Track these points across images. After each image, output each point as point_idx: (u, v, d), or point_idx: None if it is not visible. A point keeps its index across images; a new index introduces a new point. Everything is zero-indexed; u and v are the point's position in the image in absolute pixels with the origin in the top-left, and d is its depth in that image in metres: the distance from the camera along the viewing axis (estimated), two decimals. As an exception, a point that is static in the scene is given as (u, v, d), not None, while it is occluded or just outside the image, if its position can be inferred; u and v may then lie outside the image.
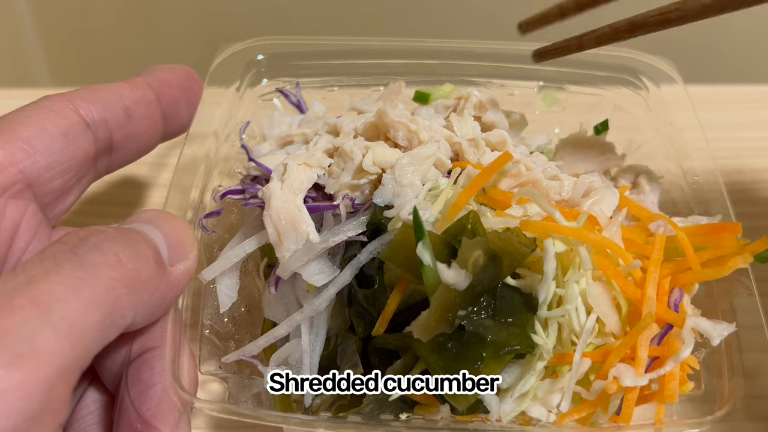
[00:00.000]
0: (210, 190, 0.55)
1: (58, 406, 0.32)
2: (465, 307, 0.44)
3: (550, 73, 0.66)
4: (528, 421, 0.47)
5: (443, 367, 0.43)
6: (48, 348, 0.31)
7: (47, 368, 0.31)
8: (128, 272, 0.36)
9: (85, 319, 0.33)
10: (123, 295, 0.35)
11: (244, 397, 0.49)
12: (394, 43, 0.66)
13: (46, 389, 0.31)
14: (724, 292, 0.49)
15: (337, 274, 0.47)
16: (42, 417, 0.31)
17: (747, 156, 0.73)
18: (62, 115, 0.43)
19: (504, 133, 0.55)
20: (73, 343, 0.32)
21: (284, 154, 0.55)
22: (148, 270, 0.38)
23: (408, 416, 0.45)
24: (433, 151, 0.51)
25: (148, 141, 0.50)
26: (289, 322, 0.46)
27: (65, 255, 0.35)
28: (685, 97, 0.61)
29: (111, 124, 0.46)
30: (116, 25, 1.06)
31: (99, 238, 0.37)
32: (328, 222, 0.49)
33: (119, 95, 0.47)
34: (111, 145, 0.46)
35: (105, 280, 0.35)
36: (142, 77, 0.50)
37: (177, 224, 0.43)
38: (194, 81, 0.53)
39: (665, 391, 0.45)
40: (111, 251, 0.36)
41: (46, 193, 0.43)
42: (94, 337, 0.34)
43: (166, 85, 0.50)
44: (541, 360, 0.46)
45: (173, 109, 0.50)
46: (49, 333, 0.32)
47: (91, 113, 0.45)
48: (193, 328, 0.48)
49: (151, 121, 0.49)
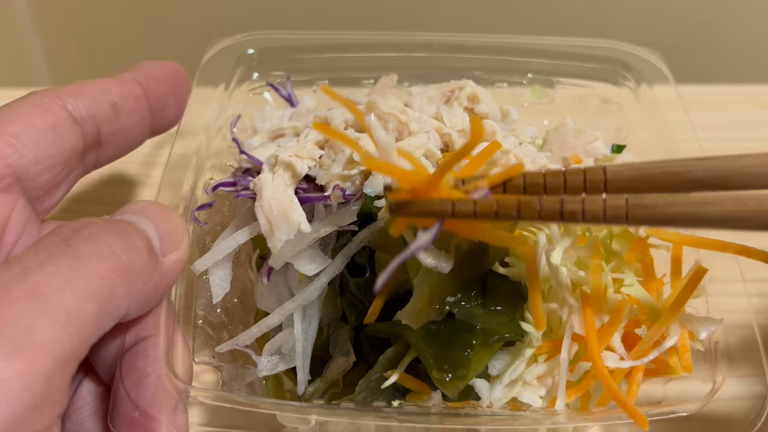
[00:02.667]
0: (202, 184, 0.55)
1: (57, 396, 0.32)
2: (453, 293, 0.44)
3: (540, 65, 0.67)
4: (519, 406, 0.47)
5: (433, 354, 0.44)
6: (45, 338, 0.32)
7: (45, 358, 0.31)
8: (122, 263, 0.37)
9: (81, 309, 0.33)
10: (117, 286, 0.36)
11: (238, 386, 0.49)
12: (385, 37, 0.66)
13: (44, 379, 0.31)
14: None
15: (329, 264, 0.47)
16: (41, 406, 0.31)
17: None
18: (50, 110, 0.44)
19: (493, 123, 0.55)
20: (71, 333, 0.33)
21: (275, 147, 0.56)
22: (141, 260, 0.38)
23: (400, 403, 0.46)
24: (423, 142, 0.51)
25: (136, 136, 0.50)
26: (281, 311, 0.47)
27: (59, 247, 0.35)
28: (674, 93, 0.62)
29: (98, 119, 0.46)
30: (116, 25, 1.06)
31: (92, 229, 0.37)
32: (320, 212, 0.49)
33: (107, 91, 0.47)
34: (99, 140, 0.47)
35: (99, 270, 0.35)
36: (129, 73, 0.50)
37: (168, 215, 0.43)
38: (182, 77, 0.53)
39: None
40: (104, 242, 0.36)
41: (34, 188, 0.43)
42: (90, 327, 0.34)
43: (153, 81, 0.50)
44: (530, 347, 0.46)
45: (161, 105, 0.51)
46: (47, 323, 0.32)
47: (78, 108, 0.45)
48: (186, 318, 0.49)
49: (139, 117, 0.49)
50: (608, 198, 0.37)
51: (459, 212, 0.38)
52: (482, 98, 0.59)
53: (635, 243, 0.49)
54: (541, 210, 0.38)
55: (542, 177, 0.39)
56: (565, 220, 0.38)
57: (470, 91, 0.59)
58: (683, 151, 0.58)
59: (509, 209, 0.38)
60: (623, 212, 0.37)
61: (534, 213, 0.38)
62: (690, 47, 1.00)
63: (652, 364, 0.47)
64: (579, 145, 0.61)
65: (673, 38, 0.98)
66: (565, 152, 0.60)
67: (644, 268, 0.49)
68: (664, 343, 0.46)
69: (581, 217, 0.37)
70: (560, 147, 0.60)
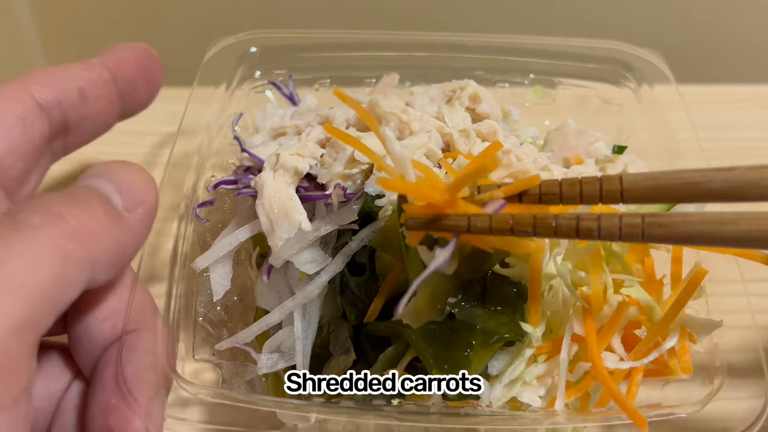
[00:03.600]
0: (203, 182, 0.55)
1: (17, 366, 0.32)
2: (455, 294, 0.44)
3: (541, 65, 0.67)
4: (518, 406, 0.47)
5: (433, 354, 0.44)
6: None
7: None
8: (73, 227, 0.36)
9: (34, 278, 0.33)
10: (74, 251, 0.35)
11: (238, 383, 0.49)
12: (387, 36, 0.66)
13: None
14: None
15: (329, 262, 0.47)
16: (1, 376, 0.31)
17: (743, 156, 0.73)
18: (17, 99, 0.43)
19: (494, 123, 0.56)
20: (24, 302, 0.32)
21: (277, 145, 0.56)
22: (97, 221, 0.37)
23: (400, 402, 0.46)
24: (424, 142, 0.51)
25: (105, 120, 0.49)
26: (281, 309, 0.47)
27: (6, 223, 0.35)
28: (675, 93, 0.62)
29: (65, 105, 0.45)
30: (117, 25, 1.06)
31: (39, 201, 0.37)
32: (320, 211, 0.49)
33: (74, 77, 0.46)
34: (66, 127, 0.46)
35: (49, 238, 0.35)
36: (98, 57, 0.49)
37: (128, 170, 0.42)
38: (153, 58, 0.52)
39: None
40: (51, 211, 0.36)
41: (9, 179, 0.43)
42: (47, 294, 0.34)
43: (123, 64, 0.49)
44: (530, 347, 0.46)
45: (130, 88, 0.50)
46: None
47: (44, 95, 0.44)
48: (186, 315, 0.49)
49: (107, 102, 0.48)
50: (624, 216, 0.37)
51: (474, 228, 0.39)
52: (483, 98, 0.59)
53: (636, 244, 0.49)
54: (556, 227, 0.38)
55: (558, 186, 0.39)
56: (581, 237, 0.38)
57: (472, 91, 0.59)
58: (683, 151, 0.58)
59: (525, 226, 0.38)
60: (639, 230, 0.36)
61: (550, 230, 0.38)
62: (690, 47, 1.00)
63: (651, 365, 0.47)
64: (580, 145, 0.61)
65: (673, 38, 0.98)
66: (567, 152, 0.60)
67: (644, 270, 0.49)
68: (663, 344, 0.46)
69: (597, 235, 0.37)
70: (561, 147, 0.60)
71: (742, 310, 0.48)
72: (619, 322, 0.46)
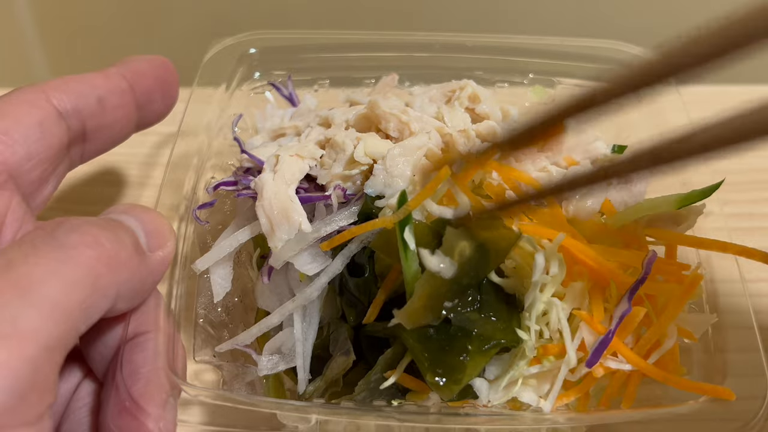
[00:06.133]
0: (203, 183, 0.55)
1: (45, 385, 0.33)
2: (451, 298, 0.44)
3: (541, 65, 0.67)
4: (518, 406, 0.47)
5: (429, 358, 0.44)
6: (31, 327, 0.32)
7: (31, 347, 0.32)
8: (107, 252, 0.37)
9: (66, 298, 0.34)
10: (103, 275, 0.36)
11: (238, 385, 0.49)
12: (386, 37, 0.66)
13: (31, 367, 0.31)
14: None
15: (329, 264, 0.47)
16: (29, 395, 0.31)
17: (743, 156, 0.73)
18: (36, 106, 0.44)
19: (494, 124, 0.56)
20: (57, 322, 0.33)
21: (276, 146, 0.56)
22: (127, 252, 0.38)
23: (400, 403, 0.46)
24: (424, 142, 0.51)
25: (122, 130, 0.50)
26: (281, 311, 0.47)
27: (43, 239, 0.35)
28: (675, 93, 0.62)
29: (84, 113, 0.46)
30: (117, 25, 1.06)
31: (77, 221, 0.37)
32: (320, 212, 0.49)
33: (92, 85, 0.47)
34: (84, 135, 0.47)
35: (84, 259, 0.35)
36: (116, 68, 0.50)
37: (153, 215, 0.43)
38: (169, 71, 0.53)
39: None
40: (89, 233, 0.36)
41: (27, 184, 0.43)
42: (77, 315, 0.34)
43: (140, 76, 0.50)
44: (524, 358, 0.46)
45: (147, 99, 0.51)
46: (32, 313, 0.32)
47: (63, 103, 0.45)
48: (187, 317, 0.49)
49: (125, 111, 0.49)
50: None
51: None
52: (483, 98, 0.59)
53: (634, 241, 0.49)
54: None
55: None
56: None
57: (471, 91, 0.59)
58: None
59: None
60: None
61: None
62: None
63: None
64: (579, 145, 0.60)
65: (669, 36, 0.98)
66: (566, 152, 0.60)
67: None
68: (663, 344, 0.46)
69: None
70: (560, 147, 0.60)
71: (742, 310, 0.48)
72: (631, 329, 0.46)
